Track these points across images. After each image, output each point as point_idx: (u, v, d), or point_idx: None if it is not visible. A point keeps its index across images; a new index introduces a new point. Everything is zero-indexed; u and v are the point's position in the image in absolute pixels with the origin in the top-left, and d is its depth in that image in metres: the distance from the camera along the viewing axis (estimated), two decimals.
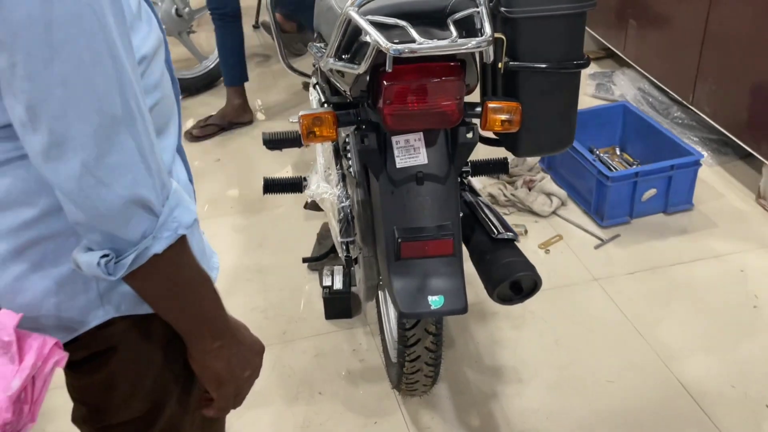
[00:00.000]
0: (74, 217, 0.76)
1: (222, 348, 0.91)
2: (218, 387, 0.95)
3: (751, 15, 2.53)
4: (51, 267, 0.84)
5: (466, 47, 1.23)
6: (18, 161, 0.79)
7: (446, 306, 1.39)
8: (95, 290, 0.86)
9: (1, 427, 0.77)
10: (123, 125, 0.73)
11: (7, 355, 0.78)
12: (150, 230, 0.77)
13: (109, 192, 0.74)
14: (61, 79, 0.69)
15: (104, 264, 0.77)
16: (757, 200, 2.65)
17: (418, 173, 1.41)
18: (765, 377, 1.97)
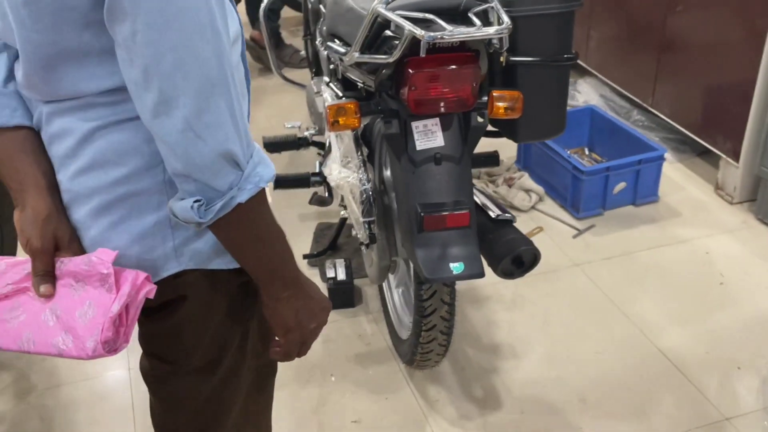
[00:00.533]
0: (174, 167, 0.87)
1: (291, 298, 1.01)
2: (286, 333, 1.05)
3: (703, 23, 2.79)
4: (135, 221, 0.96)
5: (490, 34, 1.41)
6: (115, 126, 0.92)
7: (466, 271, 1.55)
8: (171, 244, 0.98)
9: (102, 344, 0.92)
10: (218, 88, 0.85)
11: (104, 286, 0.93)
12: (236, 182, 0.87)
13: (205, 145, 0.84)
14: (172, 46, 0.81)
15: (197, 208, 0.87)
16: (715, 191, 2.89)
17: (436, 154, 1.57)
18: (734, 343, 2.18)
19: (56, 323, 0.94)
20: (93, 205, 0.96)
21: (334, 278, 2.33)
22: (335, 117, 1.61)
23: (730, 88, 2.72)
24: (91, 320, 0.92)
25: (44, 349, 0.95)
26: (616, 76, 3.40)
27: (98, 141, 0.93)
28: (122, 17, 0.81)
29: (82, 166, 0.95)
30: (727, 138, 2.76)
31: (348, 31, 1.65)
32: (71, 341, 0.93)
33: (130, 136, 0.92)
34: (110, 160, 0.93)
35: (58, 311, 0.94)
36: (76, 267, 0.94)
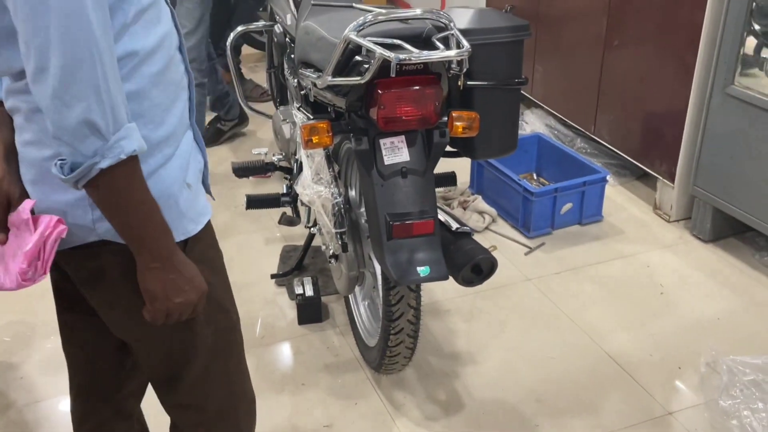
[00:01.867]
0: (48, 128, 1.01)
1: (159, 270, 1.12)
2: (151, 302, 1.15)
3: (638, 56, 3.04)
4: (61, 194, 1.11)
5: (451, 56, 1.58)
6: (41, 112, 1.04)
7: (432, 274, 1.70)
8: (90, 217, 1.13)
9: (21, 273, 1.10)
10: (85, 64, 0.98)
11: (27, 229, 1.11)
12: (100, 150, 1.01)
13: (69, 112, 0.98)
14: (44, 24, 0.96)
15: (59, 166, 1.03)
16: (654, 210, 3.12)
17: (402, 168, 1.72)
18: (675, 346, 2.37)
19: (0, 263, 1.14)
20: (32, 174, 1.13)
21: (303, 294, 2.45)
22: (309, 136, 1.76)
23: (664, 116, 2.96)
24: (19, 256, 1.10)
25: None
26: (560, 107, 3.64)
27: (36, 122, 1.08)
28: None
29: (26, 140, 1.12)
30: (663, 161, 3.00)
31: (320, 57, 1.81)
32: (3, 274, 1.13)
33: None
34: (43, 140, 1.09)
35: (3, 252, 1.14)
36: (12, 218, 1.14)
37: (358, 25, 1.59)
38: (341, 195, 1.93)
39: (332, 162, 1.97)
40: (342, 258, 2.03)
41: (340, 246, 1.93)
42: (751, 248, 2.82)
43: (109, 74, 1.01)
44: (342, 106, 1.77)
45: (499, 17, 1.91)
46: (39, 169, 1.11)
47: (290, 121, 2.36)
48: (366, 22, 1.59)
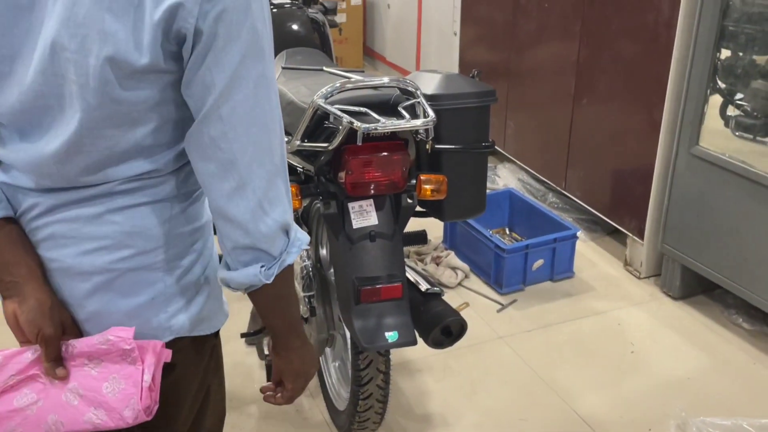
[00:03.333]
0: (239, 241, 1.01)
1: (300, 348, 1.17)
2: (295, 379, 1.19)
3: (607, 114, 3.10)
4: (133, 297, 1.05)
5: (417, 125, 1.59)
6: (129, 209, 1.02)
7: (400, 339, 1.68)
8: (164, 316, 1.08)
9: (144, 411, 1.02)
10: (280, 171, 1.02)
11: (127, 360, 1.02)
12: (285, 247, 1.04)
13: (270, 219, 1.01)
14: (253, 141, 0.98)
15: (264, 272, 1.03)
16: (624, 267, 3.14)
17: (371, 232, 1.72)
18: (646, 407, 2.36)
19: (81, 401, 1.02)
20: (94, 282, 1.04)
21: None
22: None
23: (633, 173, 3.01)
24: (121, 392, 1.01)
25: (76, 427, 1.02)
26: (532, 162, 3.68)
27: (114, 223, 1.02)
28: (216, 120, 0.95)
29: (88, 249, 1.03)
30: (632, 218, 3.03)
31: (289, 121, 1.81)
32: (104, 414, 1.01)
33: (143, 219, 1.03)
34: (120, 242, 1.03)
35: (80, 390, 1.02)
36: (89, 347, 1.02)
37: (327, 92, 1.60)
38: (309, 258, 1.92)
39: (301, 224, 1.97)
40: (311, 321, 2.02)
41: (308, 309, 1.91)
42: (720, 306, 2.84)
43: (286, 171, 1.04)
44: (311, 169, 1.77)
45: (466, 83, 1.94)
46: (106, 275, 1.03)
47: None
48: (334, 89, 1.60)
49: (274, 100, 1.00)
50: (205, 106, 0.95)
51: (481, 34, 4.01)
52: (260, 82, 0.96)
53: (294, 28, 2.47)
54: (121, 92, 0.94)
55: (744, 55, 2.53)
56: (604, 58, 3.06)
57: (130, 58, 0.91)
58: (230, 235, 1.02)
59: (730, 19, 2.52)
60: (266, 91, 0.98)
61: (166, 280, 1.07)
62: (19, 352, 1.04)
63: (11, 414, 1.02)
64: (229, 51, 0.93)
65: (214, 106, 0.95)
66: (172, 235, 1.06)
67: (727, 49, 2.57)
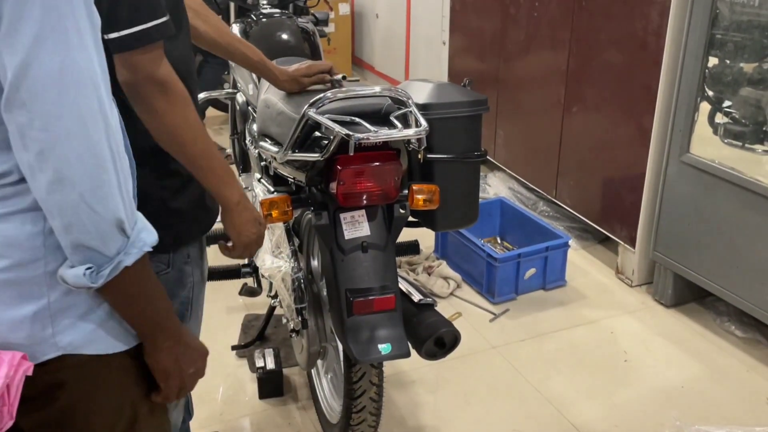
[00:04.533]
0: (67, 239, 0.95)
1: (172, 347, 1.11)
2: (166, 379, 1.13)
3: (597, 123, 3.10)
4: (15, 309, 1.00)
5: (410, 135, 1.58)
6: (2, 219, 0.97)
7: (393, 351, 1.66)
8: (50, 331, 1.02)
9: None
10: (107, 164, 0.94)
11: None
12: (122, 247, 0.97)
13: (98, 217, 0.94)
14: (66, 132, 0.90)
15: (89, 275, 0.96)
16: (616, 275, 3.13)
17: (363, 243, 1.71)
18: (640, 416, 2.35)
19: None
20: None
21: (264, 367, 2.39)
22: (268, 210, 1.74)
23: (623, 182, 3.00)
24: None
25: None
26: (522, 171, 3.68)
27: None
28: (19, 107, 0.89)
29: None
30: (623, 226, 3.03)
31: (279, 131, 1.80)
32: None
33: (15, 229, 0.98)
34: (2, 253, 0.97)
35: None
36: None
37: (318, 101, 1.58)
38: (301, 269, 1.90)
39: (292, 236, 1.95)
40: (303, 333, 1.99)
41: (300, 321, 1.89)
42: (712, 313, 2.84)
43: (121, 166, 0.98)
44: (302, 180, 1.76)
45: (458, 92, 1.93)
46: None
47: (251, 190, 2.34)
48: (325, 98, 1.58)
49: (90, 88, 0.93)
50: (4, 91, 0.90)
51: (470, 44, 4.01)
52: (67, 67, 0.90)
53: (284, 37, 2.45)
54: None
55: (732, 63, 2.54)
56: (594, 67, 3.07)
57: None
58: (59, 232, 0.96)
59: (718, 27, 2.52)
60: (76, 78, 0.92)
61: (50, 295, 1.01)
62: None
63: None
64: (20, 31, 0.88)
65: (12, 91, 0.89)
66: (51, 247, 0.99)
67: (715, 57, 2.57)
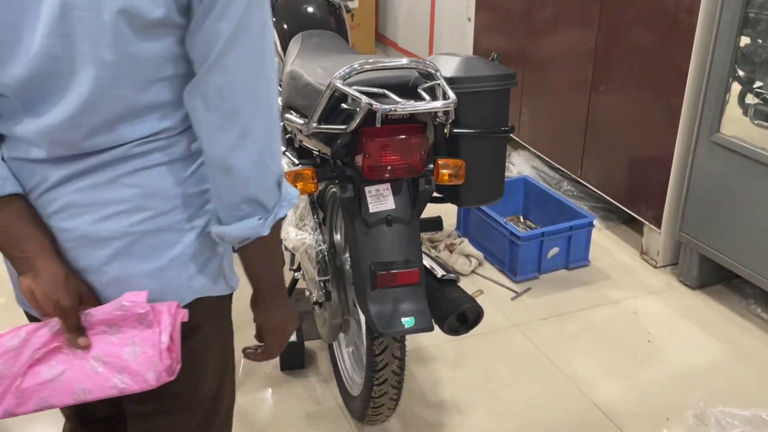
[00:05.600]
0: (239, 193, 1.01)
1: (282, 305, 1.18)
2: (273, 335, 1.20)
3: (624, 101, 3.05)
4: (153, 260, 1.06)
5: (438, 107, 1.56)
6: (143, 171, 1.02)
7: (417, 325, 1.66)
8: (185, 276, 1.09)
9: (166, 371, 1.04)
10: (277, 125, 1.03)
11: (143, 323, 1.03)
12: (277, 200, 1.05)
13: (270, 172, 1.02)
14: (256, 91, 0.99)
15: (262, 224, 1.04)
16: (641, 256, 3.10)
17: (387, 216, 1.70)
18: (663, 397, 2.33)
19: (105, 368, 1.04)
20: (114, 247, 1.04)
21: None
22: (293, 182, 1.73)
23: (650, 162, 2.97)
24: (142, 356, 1.03)
25: (103, 393, 1.04)
26: (547, 150, 3.64)
27: (124, 188, 1.02)
28: (221, 69, 0.96)
29: (105, 215, 1.03)
30: (649, 207, 2.99)
31: (305, 103, 1.79)
32: (128, 378, 1.03)
33: (159, 179, 1.04)
34: (137, 205, 1.03)
35: (103, 357, 1.04)
36: (106, 315, 1.03)
37: (345, 73, 1.57)
38: (325, 242, 1.90)
39: (317, 208, 1.94)
40: (326, 305, 1.99)
41: (323, 294, 1.89)
42: (738, 296, 2.81)
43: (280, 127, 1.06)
44: (327, 152, 1.75)
45: (486, 66, 1.91)
46: (125, 239, 1.03)
47: None
48: (352, 70, 1.57)
49: (272, 51, 1.02)
50: (211, 56, 0.95)
51: (496, 20, 3.96)
52: (263, 30, 0.98)
53: (310, 10, 2.44)
54: (138, 45, 0.94)
55: (765, 43, 2.48)
56: (623, 45, 3.02)
57: (144, 10, 0.92)
58: (230, 188, 1.01)
59: (752, 6, 2.47)
60: (268, 40, 1.00)
61: (184, 240, 1.07)
62: (41, 326, 1.05)
63: (41, 386, 1.04)
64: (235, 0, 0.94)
65: (220, 55, 0.95)
66: (186, 195, 1.06)
67: (747, 37, 2.52)
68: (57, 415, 1.42)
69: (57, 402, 1.04)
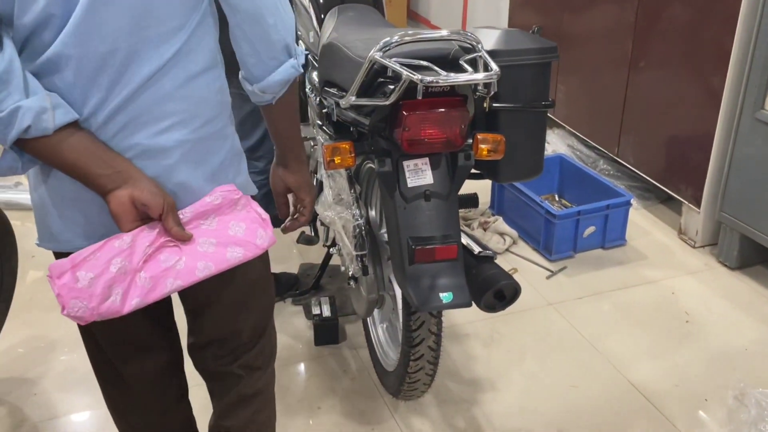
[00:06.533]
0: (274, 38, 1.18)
1: (306, 161, 1.39)
2: (309, 191, 1.41)
3: (664, 78, 2.99)
4: (208, 163, 1.21)
5: (480, 79, 1.54)
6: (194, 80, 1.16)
7: (455, 300, 1.65)
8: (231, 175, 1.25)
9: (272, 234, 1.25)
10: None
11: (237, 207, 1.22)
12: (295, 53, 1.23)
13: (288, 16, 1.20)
14: None
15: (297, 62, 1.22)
16: (679, 236, 3.05)
17: (426, 191, 1.68)
18: (701, 377, 2.30)
19: (216, 247, 1.19)
20: (175, 156, 1.17)
21: (320, 315, 2.40)
22: (332, 156, 1.72)
23: (690, 140, 2.91)
24: (246, 230, 1.21)
25: (223, 265, 1.19)
26: (583, 128, 3.59)
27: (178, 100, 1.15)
28: None
29: (167, 124, 1.15)
30: (689, 186, 2.93)
31: (344, 77, 1.77)
32: (240, 249, 1.20)
33: (206, 88, 1.17)
34: (191, 114, 1.16)
35: (211, 239, 1.19)
36: (202, 207, 1.19)
37: (384, 45, 1.55)
38: (362, 217, 1.89)
39: (354, 183, 1.93)
40: (362, 280, 1.99)
41: (360, 269, 1.89)
42: None
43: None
44: (365, 126, 1.73)
45: (527, 38, 1.87)
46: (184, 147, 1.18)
47: (310, 138, 2.33)
48: (392, 42, 1.55)
49: None
50: None
51: None
52: None
53: None
54: None
55: None
56: (664, 20, 2.95)
57: None
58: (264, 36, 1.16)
59: None
60: None
61: (225, 145, 1.23)
62: (142, 230, 1.16)
63: (165, 272, 1.16)
64: None
65: None
66: (223, 103, 1.21)
67: None
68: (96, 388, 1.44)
69: (184, 280, 1.16)
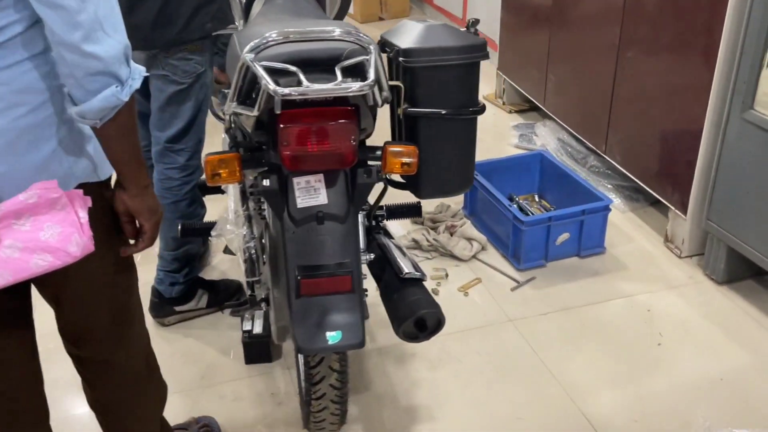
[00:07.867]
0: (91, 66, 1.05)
1: (149, 183, 1.26)
2: (151, 217, 1.26)
3: (652, 72, 2.70)
4: (35, 152, 1.13)
5: (349, 90, 1.31)
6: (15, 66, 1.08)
7: (343, 341, 1.44)
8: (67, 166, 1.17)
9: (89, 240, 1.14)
10: None
11: (56, 207, 1.10)
12: (128, 74, 1.11)
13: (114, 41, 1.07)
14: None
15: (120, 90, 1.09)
16: (665, 243, 2.78)
17: (318, 213, 1.47)
18: (666, 412, 2.05)
19: (21, 252, 1.10)
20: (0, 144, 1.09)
21: (250, 331, 2.20)
22: (215, 170, 1.51)
23: (677, 139, 2.63)
24: (60, 234, 1.11)
25: (24, 274, 1.11)
26: (572, 121, 3.31)
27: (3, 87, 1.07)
28: None
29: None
30: (675, 190, 2.66)
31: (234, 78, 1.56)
32: (49, 256, 1.11)
33: (29, 74, 1.10)
34: (12, 102, 1.09)
35: (17, 244, 1.09)
36: (16, 206, 1.09)
37: (255, 45, 1.33)
38: (254, 238, 1.68)
39: (247, 199, 1.72)
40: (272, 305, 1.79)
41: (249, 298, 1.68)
42: None
43: None
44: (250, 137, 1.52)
45: (452, 35, 1.63)
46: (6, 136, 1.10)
47: None
48: (263, 42, 1.32)
49: None
50: None
51: None
52: None
53: None
54: None
55: None
56: (653, 6, 2.66)
57: None
58: (80, 63, 1.05)
59: None
60: None
61: (60, 131, 1.15)
62: None
63: None
64: None
65: None
66: (53, 88, 1.12)
67: None
68: None
69: None
